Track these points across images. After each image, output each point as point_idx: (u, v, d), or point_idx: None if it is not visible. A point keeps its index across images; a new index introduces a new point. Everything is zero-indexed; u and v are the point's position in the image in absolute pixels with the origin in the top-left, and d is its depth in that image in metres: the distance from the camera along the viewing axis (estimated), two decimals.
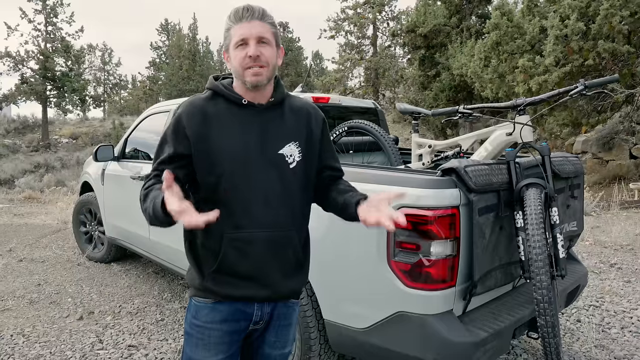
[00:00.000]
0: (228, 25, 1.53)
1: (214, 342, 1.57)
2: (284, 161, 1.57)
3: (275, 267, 1.58)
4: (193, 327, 1.59)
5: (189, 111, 1.54)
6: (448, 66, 17.73)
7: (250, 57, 1.48)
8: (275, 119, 1.60)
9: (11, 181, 18.91)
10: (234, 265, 1.54)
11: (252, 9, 1.51)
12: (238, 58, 1.50)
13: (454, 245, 2.16)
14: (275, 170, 1.55)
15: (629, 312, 3.91)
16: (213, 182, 1.52)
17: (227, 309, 1.57)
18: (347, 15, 27.33)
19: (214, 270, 1.55)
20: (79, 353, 3.32)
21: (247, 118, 1.56)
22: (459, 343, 2.11)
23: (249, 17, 1.50)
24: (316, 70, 46.96)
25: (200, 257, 1.58)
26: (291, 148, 1.59)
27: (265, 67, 1.51)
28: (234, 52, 1.52)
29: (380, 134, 3.62)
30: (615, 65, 10.33)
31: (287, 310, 1.69)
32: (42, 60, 28.01)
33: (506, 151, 2.54)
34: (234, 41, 1.51)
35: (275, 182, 1.55)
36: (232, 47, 1.52)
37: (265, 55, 1.50)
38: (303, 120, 1.65)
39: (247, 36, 1.49)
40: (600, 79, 2.66)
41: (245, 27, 1.49)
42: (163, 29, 45.51)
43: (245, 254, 1.53)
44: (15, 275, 5.13)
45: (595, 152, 13.15)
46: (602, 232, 6.84)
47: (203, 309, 1.58)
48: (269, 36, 1.52)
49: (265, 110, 1.59)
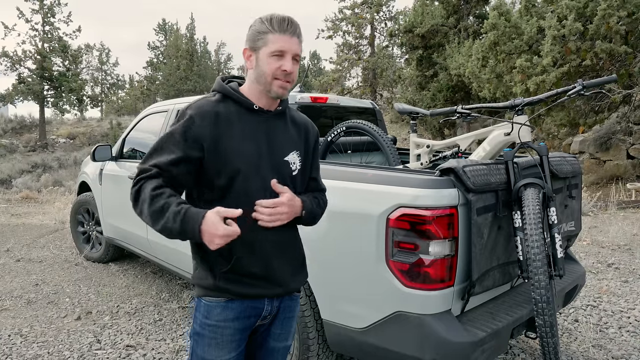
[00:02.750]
0: (266, 29, 1.54)
1: (227, 340, 1.60)
2: (289, 167, 1.66)
3: (285, 265, 1.66)
4: (205, 327, 1.61)
5: (201, 114, 1.55)
6: (446, 66, 17.73)
7: (284, 72, 1.54)
8: (280, 127, 1.67)
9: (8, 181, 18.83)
10: (247, 266, 1.59)
11: (294, 24, 1.56)
12: (271, 67, 1.54)
13: (452, 245, 2.17)
14: (280, 176, 1.61)
15: (626, 311, 3.92)
16: (224, 184, 1.55)
17: (239, 306, 1.61)
18: (344, 16, 27.31)
19: (227, 271, 1.58)
20: (77, 353, 3.31)
21: (257, 123, 1.61)
22: (457, 343, 2.11)
23: (292, 32, 1.55)
24: (314, 71, 46.93)
25: (211, 257, 1.59)
26: (294, 156, 1.68)
27: (290, 83, 1.58)
28: (267, 59, 1.54)
29: (378, 134, 3.62)
30: (613, 65, 10.35)
31: (291, 303, 1.76)
32: (39, 60, 27.91)
33: (504, 151, 2.54)
34: (272, 49, 1.53)
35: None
36: (267, 53, 1.54)
37: (295, 73, 1.58)
38: (302, 133, 1.75)
39: (286, 50, 1.54)
40: (599, 79, 2.66)
41: (287, 40, 1.54)
42: (160, 28, 45.38)
43: (257, 254, 1.59)
44: (13, 275, 5.12)
45: (592, 152, 13.17)
46: (600, 232, 6.86)
47: (215, 308, 1.60)
48: (300, 55, 1.59)
49: (272, 117, 1.65)
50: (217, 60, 46.07)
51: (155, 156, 1.55)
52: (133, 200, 1.52)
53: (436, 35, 19.28)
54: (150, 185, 1.49)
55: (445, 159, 3.38)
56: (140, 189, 1.51)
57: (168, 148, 1.55)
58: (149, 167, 1.53)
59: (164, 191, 1.48)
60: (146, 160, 1.56)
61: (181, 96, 32.53)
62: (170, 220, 1.43)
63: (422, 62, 19.98)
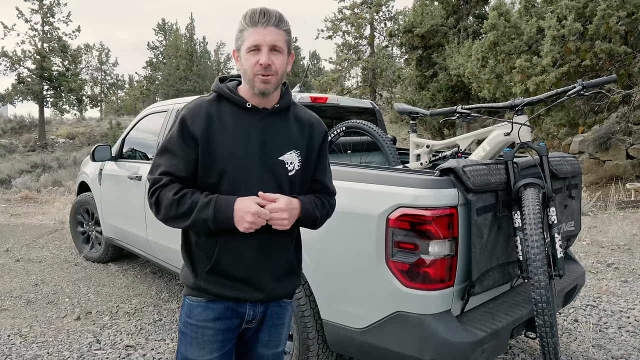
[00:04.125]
0: (242, 26, 1.51)
1: (207, 340, 1.59)
2: (284, 167, 1.59)
3: (268, 271, 1.60)
4: (187, 325, 1.61)
5: (193, 113, 1.54)
6: (445, 66, 17.73)
7: (261, 65, 1.48)
8: (279, 125, 1.61)
9: (8, 181, 18.81)
10: (228, 268, 1.56)
11: (268, 14, 1.49)
12: (249, 63, 1.50)
13: (452, 245, 2.17)
14: (273, 176, 1.57)
15: (626, 311, 3.92)
16: (212, 183, 1.53)
17: (220, 307, 1.59)
18: (344, 16, 27.32)
19: (208, 270, 1.57)
20: (77, 353, 3.31)
21: (251, 122, 1.57)
22: (457, 343, 2.11)
23: (265, 23, 1.48)
24: (313, 71, 46.93)
25: (195, 256, 1.60)
26: (292, 156, 1.61)
27: (273, 76, 1.51)
28: (245, 56, 1.51)
29: (378, 133, 3.62)
30: (612, 65, 10.36)
31: (280, 310, 1.70)
32: (38, 60, 27.89)
33: (504, 151, 2.54)
34: (247, 45, 1.49)
35: (272, 187, 1.55)
36: (244, 50, 1.51)
37: (276, 64, 1.50)
38: (307, 131, 1.66)
39: (260, 43, 1.48)
40: (599, 79, 2.66)
41: (260, 32, 1.48)
42: (160, 28, 45.39)
43: (239, 257, 1.56)
44: (13, 275, 5.12)
45: (592, 153, 13.17)
46: (599, 232, 6.86)
47: (196, 307, 1.60)
48: (281, 44, 1.51)
49: (269, 115, 1.59)
50: (216, 60, 46.09)
51: (162, 163, 1.55)
52: (154, 209, 1.53)
53: (436, 35, 19.29)
54: (170, 191, 1.50)
55: (445, 159, 3.38)
56: (159, 198, 1.52)
57: (170, 151, 1.55)
58: (159, 176, 1.54)
59: (186, 192, 1.50)
60: (154, 170, 1.57)
61: (181, 96, 32.50)
62: (202, 211, 1.46)
63: (422, 62, 19.99)
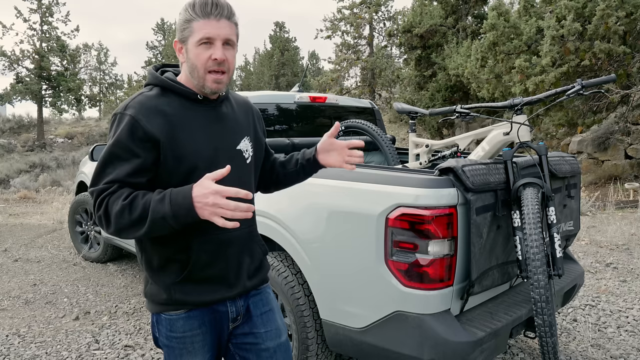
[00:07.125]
0: (190, 16, 1.39)
1: (198, 346, 1.53)
2: (242, 156, 1.54)
3: (247, 263, 1.58)
4: (172, 339, 1.52)
5: (146, 112, 1.38)
6: (444, 66, 17.75)
7: (215, 60, 1.39)
8: (229, 114, 1.55)
9: (6, 181, 18.79)
10: (205, 270, 1.49)
11: (221, 5, 1.39)
12: (201, 58, 1.39)
13: (451, 245, 2.17)
14: (235, 166, 1.47)
15: (624, 311, 3.93)
16: (180, 182, 1.38)
17: (201, 313, 1.53)
18: (343, 15, 27.34)
19: (181, 280, 1.47)
20: (75, 353, 3.30)
21: (205, 114, 1.48)
22: (456, 342, 2.11)
23: (218, 15, 1.38)
24: (312, 70, 46.92)
25: (163, 269, 1.49)
26: (245, 143, 1.57)
27: (226, 74, 1.43)
28: (195, 49, 1.40)
29: (377, 133, 3.62)
30: (611, 65, 10.37)
31: (262, 296, 1.65)
32: (37, 59, 27.86)
33: (503, 151, 2.54)
34: (197, 38, 1.38)
35: (235, 178, 1.46)
36: (194, 43, 1.39)
37: (229, 60, 1.42)
38: (250, 115, 1.65)
39: (213, 36, 1.38)
40: (598, 79, 2.67)
41: (212, 25, 1.38)
42: (159, 28, 45.37)
43: (217, 256, 1.49)
44: (11, 275, 5.11)
45: (590, 152, 13.19)
46: (598, 231, 6.86)
47: (177, 321, 1.51)
48: (234, 38, 1.43)
49: (219, 105, 1.52)
50: None
51: (108, 172, 1.36)
52: (104, 222, 1.34)
53: (435, 35, 19.32)
54: (119, 197, 1.32)
55: (444, 159, 3.38)
56: (107, 208, 1.32)
57: (119, 157, 1.36)
58: (105, 185, 1.34)
59: (137, 194, 1.33)
60: (98, 180, 1.36)
61: None
62: (157, 209, 1.28)
63: (421, 62, 20.03)
